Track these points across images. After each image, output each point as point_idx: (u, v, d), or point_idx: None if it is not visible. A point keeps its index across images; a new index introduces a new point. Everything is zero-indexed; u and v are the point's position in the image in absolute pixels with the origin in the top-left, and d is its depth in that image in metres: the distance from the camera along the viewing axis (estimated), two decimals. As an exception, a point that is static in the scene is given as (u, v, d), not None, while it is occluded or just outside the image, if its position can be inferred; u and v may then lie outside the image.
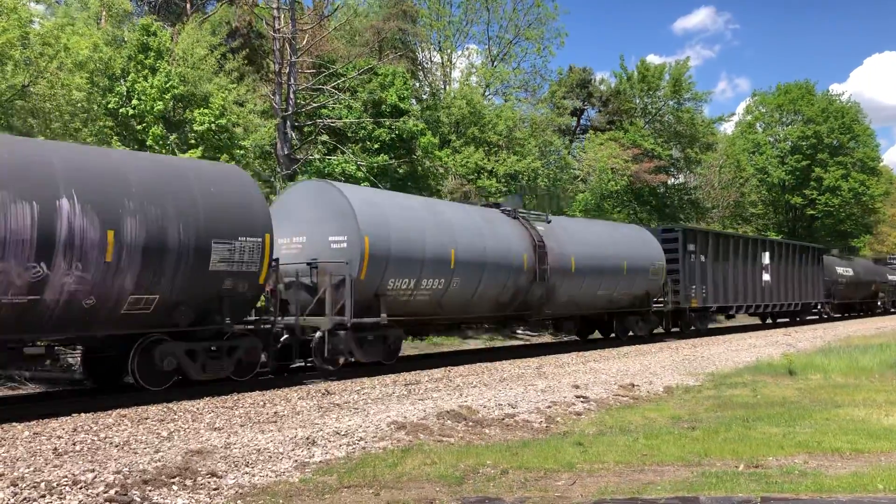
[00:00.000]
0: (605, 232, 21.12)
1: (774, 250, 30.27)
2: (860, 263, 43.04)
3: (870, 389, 11.18)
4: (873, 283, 43.21)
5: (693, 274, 24.23)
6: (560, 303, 18.66)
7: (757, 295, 28.51)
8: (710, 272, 25.11)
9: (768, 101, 61.37)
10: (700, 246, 24.81)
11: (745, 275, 27.58)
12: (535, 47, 39.51)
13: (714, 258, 25.44)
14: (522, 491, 5.77)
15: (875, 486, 5.69)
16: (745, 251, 27.98)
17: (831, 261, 37.99)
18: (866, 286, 42.18)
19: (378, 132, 25.95)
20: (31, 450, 7.11)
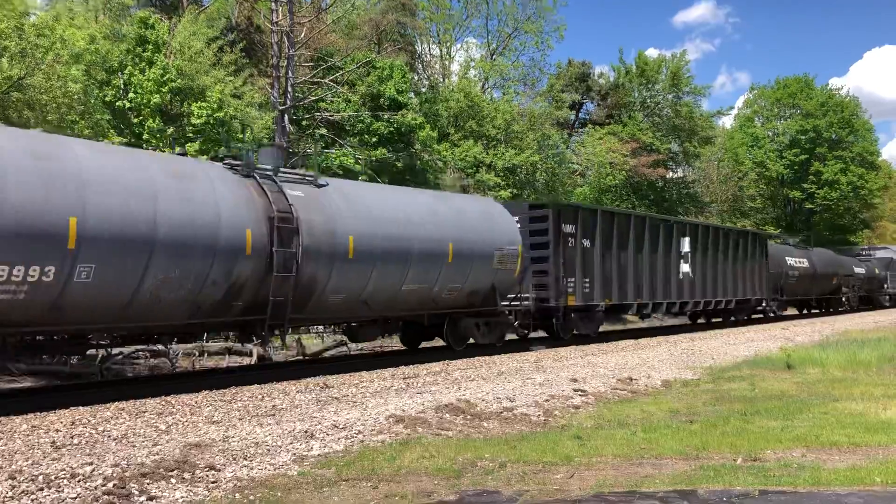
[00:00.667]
0: (418, 203, 15.05)
1: (698, 236, 25.20)
2: (819, 254, 37.83)
3: (867, 383, 11.18)
4: (834, 276, 37.91)
5: (572, 264, 19.04)
6: (329, 304, 13.00)
7: (672, 291, 23.51)
8: (599, 262, 20.05)
9: (767, 94, 61.38)
10: (583, 228, 19.62)
11: (653, 266, 22.58)
12: (534, 41, 39.51)
13: (605, 244, 20.46)
14: (521, 484, 5.77)
15: (873, 479, 5.69)
16: (655, 236, 22.91)
17: (780, 250, 33.29)
18: (825, 280, 36.84)
19: (376, 125, 25.92)
20: (29, 443, 7.10)
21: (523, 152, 31.48)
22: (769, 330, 24.97)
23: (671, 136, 46.56)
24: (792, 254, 34.27)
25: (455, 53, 39.81)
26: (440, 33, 38.49)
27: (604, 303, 20.30)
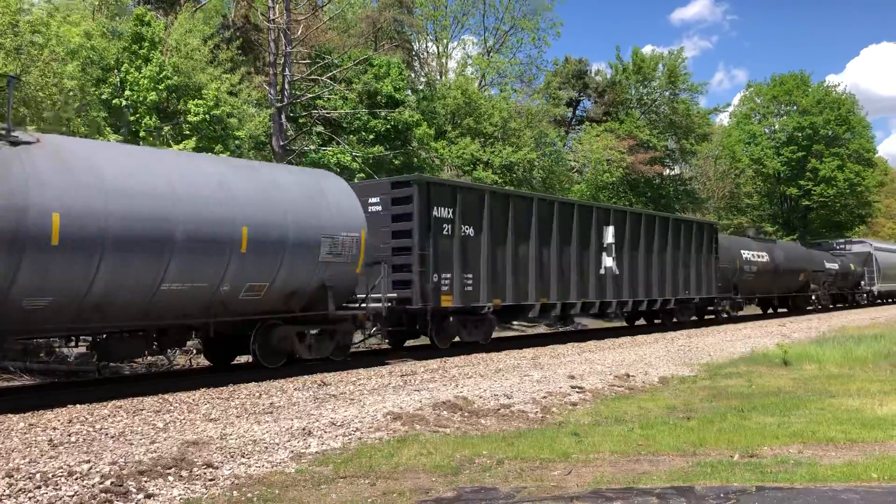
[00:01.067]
0: (199, 174, 11.11)
1: (626, 225, 21.27)
2: (783, 248, 33.86)
3: (864, 379, 11.22)
4: (801, 272, 33.68)
5: (447, 256, 15.47)
6: (27, 311, 9.15)
7: (591, 289, 19.75)
8: (487, 254, 16.39)
9: (764, 92, 61.45)
10: (464, 212, 15.95)
11: (565, 259, 18.78)
12: (531, 38, 39.49)
13: (496, 233, 16.74)
14: (518, 481, 5.78)
15: (869, 475, 5.71)
16: (567, 224, 19.02)
17: (734, 242, 29.45)
18: (790, 276, 32.68)
19: (373, 123, 25.89)
20: (27, 441, 7.10)
21: (521, 150, 31.48)
22: (766, 326, 25.01)
23: (668, 134, 46.59)
24: (749, 247, 30.09)
25: (452, 51, 39.83)
26: (437, 31, 38.49)
27: (491, 304, 16.52)
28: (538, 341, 19.15)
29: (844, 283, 39.33)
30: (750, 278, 29.36)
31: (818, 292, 35.71)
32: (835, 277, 37.64)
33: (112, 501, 5.20)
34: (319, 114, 26.87)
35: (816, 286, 35.37)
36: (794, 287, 33.70)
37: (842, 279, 38.72)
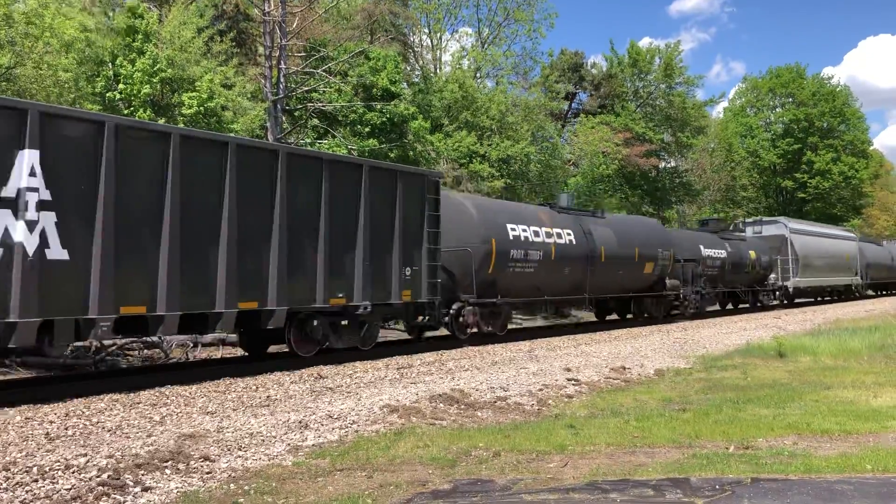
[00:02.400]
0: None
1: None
2: (619, 224, 22.19)
3: (858, 371, 11.27)
4: (649, 261, 22.10)
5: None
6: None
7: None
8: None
9: (760, 84, 61.50)
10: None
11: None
12: (526, 29, 39.42)
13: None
14: (514, 473, 5.80)
15: (863, 466, 5.74)
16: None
17: (492, 212, 17.26)
18: (626, 268, 21.27)
19: (369, 116, 25.83)
20: (23, 434, 7.10)
21: (518, 143, 31.46)
22: (761, 319, 25.07)
23: (664, 127, 46.60)
24: (526, 220, 17.87)
25: (446, 43, 39.73)
26: (431, 23, 38.37)
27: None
28: (534, 334, 19.18)
29: (738, 276, 28.77)
30: (528, 271, 17.56)
31: (684, 292, 24.33)
32: (720, 270, 27.10)
33: (109, 495, 5.21)
34: (315, 107, 26.80)
35: (679, 281, 24.09)
36: (637, 284, 22.11)
37: (733, 272, 28.07)
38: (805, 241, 34.39)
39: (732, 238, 29.84)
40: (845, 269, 39.12)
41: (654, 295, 23.18)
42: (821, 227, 39.30)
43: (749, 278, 30.18)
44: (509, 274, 17.15)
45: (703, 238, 27.20)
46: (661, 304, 23.80)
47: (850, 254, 39.90)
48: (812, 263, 34.32)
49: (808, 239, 34.88)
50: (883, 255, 46.65)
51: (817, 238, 36.32)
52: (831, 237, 38.56)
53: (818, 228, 38.61)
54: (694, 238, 26.73)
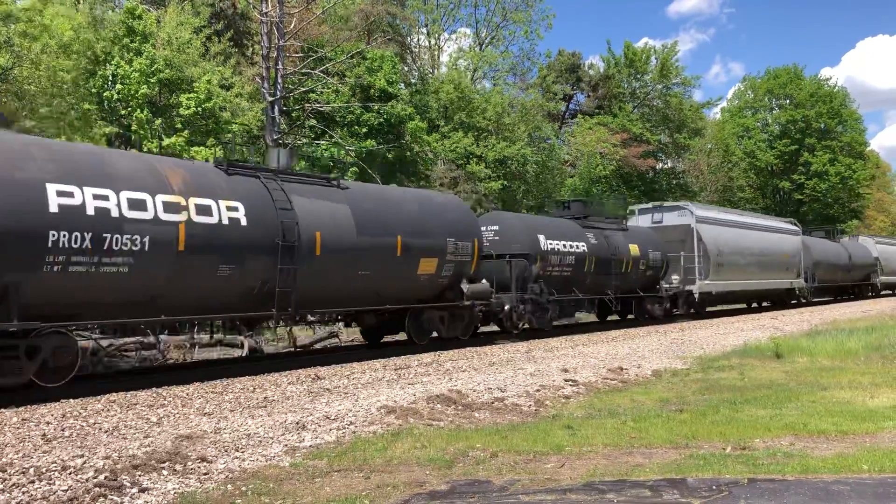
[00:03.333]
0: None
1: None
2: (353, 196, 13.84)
3: (855, 372, 11.28)
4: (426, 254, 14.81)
5: None
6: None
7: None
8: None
9: (758, 85, 61.62)
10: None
11: None
12: (523, 30, 39.47)
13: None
14: (512, 474, 5.80)
15: (860, 466, 5.75)
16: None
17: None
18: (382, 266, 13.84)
19: (366, 116, 25.84)
20: (20, 435, 7.09)
21: (514, 144, 31.48)
22: (758, 320, 25.10)
23: (661, 128, 46.67)
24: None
25: (444, 44, 39.77)
26: (429, 23, 38.40)
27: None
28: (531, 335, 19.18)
29: (607, 279, 20.79)
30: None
31: (506, 300, 17.51)
32: (576, 270, 19.50)
33: (106, 496, 5.20)
34: (312, 107, 26.80)
35: (487, 286, 16.57)
36: (408, 292, 14.73)
37: (599, 272, 20.33)
38: (719, 233, 26.60)
39: (602, 227, 21.53)
40: (781, 269, 31.41)
41: (441, 307, 15.54)
42: (745, 216, 31.82)
43: (628, 281, 21.92)
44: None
45: (549, 226, 19.32)
46: (458, 320, 16.04)
47: (789, 251, 32.23)
48: (730, 262, 26.75)
49: (722, 231, 27.05)
50: (836, 253, 38.58)
51: (738, 230, 28.48)
52: (760, 229, 30.68)
53: (740, 217, 31.01)
54: (529, 226, 18.72)
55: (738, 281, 27.68)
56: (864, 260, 41.71)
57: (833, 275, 37.60)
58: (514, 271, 17.93)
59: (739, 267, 27.61)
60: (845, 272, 39.23)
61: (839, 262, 38.36)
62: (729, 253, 26.84)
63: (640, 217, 26.65)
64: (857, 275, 40.82)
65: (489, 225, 18.50)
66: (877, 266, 43.25)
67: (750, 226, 30.10)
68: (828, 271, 36.54)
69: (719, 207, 33.18)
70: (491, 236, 18.23)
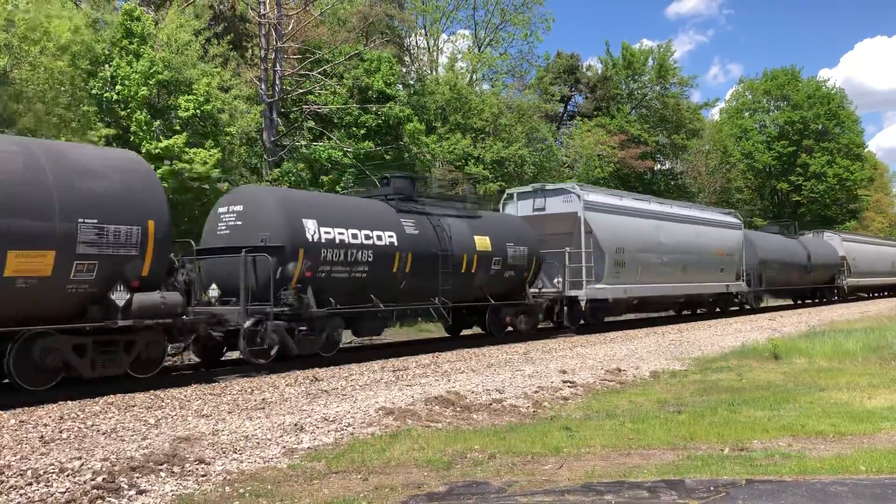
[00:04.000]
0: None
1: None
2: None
3: (853, 373, 11.29)
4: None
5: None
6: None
7: None
8: None
9: (756, 87, 61.72)
10: None
11: None
12: (522, 33, 39.51)
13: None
14: (510, 475, 5.80)
15: (857, 467, 5.75)
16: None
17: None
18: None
19: (364, 118, 25.86)
20: (18, 438, 7.08)
21: (512, 145, 31.50)
22: (757, 321, 25.11)
23: (659, 129, 46.71)
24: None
25: (443, 45, 39.81)
26: (427, 25, 38.44)
27: None
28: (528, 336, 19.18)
29: (432, 283, 15.65)
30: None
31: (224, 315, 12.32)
32: (371, 270, 14.34)
33: (104, 498, 5.20)
34: (310, 109, 26.82)
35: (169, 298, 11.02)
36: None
37: (422, 272, 15.33)
38: (618, 224, 20.99)
39: (434, 212, 16.12)
40: (713, 269, 25.97)
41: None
42: (658, 204, 25.04)
43: (471, 285, 16.65)
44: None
45: (330, 208, 14.24)
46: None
47: (725, 247, 26.84)
48: (635, 260, 21.41)
49: (623, 222, 21.28)
50: (791, 250, 33.31)
51: (648, 221, 22.56)
52: (682, 220, 24.85)
53: (651, 205, 24.06)
54: (289, 206, 13.34)
55: (648, 284, 22.13)
56: (828, 259, 36.88)
57: (787, 276, 32.48)
58: (257, 272, 12.59)
59: (649, 267, 22.16)
60: (802, 273, 34.01)
61: (795, 261, 33.19)
62: (634, 249, 21.43)
63: (520, 203, 20.94)
64: (818, 276, 35.86)
65: (231, 205, 13.42)
66: (843, 266, 38.32)
67: (666, 216, 23.94)
68: (780, 272, 31.52)
69: (621, 192, 25.37)
70: (232, 220, 13.26)
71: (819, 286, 36.72)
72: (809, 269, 34.39)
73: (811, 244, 35.78)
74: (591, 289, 19.75)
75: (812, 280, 35.22)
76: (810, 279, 34.94)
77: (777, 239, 33.40)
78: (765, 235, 32.91)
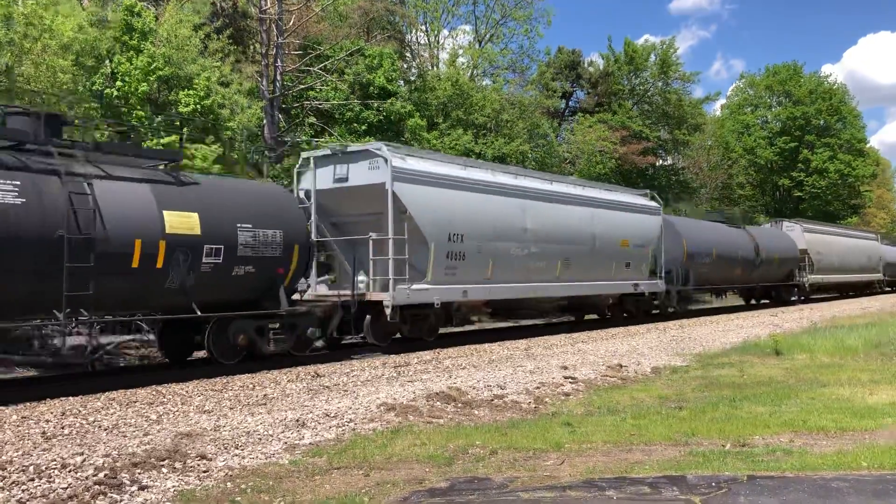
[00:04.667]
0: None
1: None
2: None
3: (854, 369, 11.28)
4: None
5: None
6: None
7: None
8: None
9: (757, 82, 61.64)
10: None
11: None
12: (523, 28, 39.43)
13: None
14: (511, 471, 5.80)
15: (859, 463, 5.75)
16: None
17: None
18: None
19: (366, 114, 25.84)
20: (20, 433, 7.09)
21: (513, 141, 31.47)
22: (758, 317, 25.09)
23: (660, 124, 46.64)
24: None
25: (443, 41, 39.73)
26: (428, 21, 38.36)
27: None
28: (530, 332, 19.19)
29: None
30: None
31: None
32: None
33: (106, 493, 5.20)
34: (311, 105, 26.80)
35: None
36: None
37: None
38: (446, 200, 15.46)
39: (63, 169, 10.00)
40: (615, 264, 20.59)
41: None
42: (522, 179, 18.36)
43: (156, 289, 10.82)
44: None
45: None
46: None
47: (633, 236, 21.29)
48: (478, 251, 16.02)
49: (456, 199, 15.70)
50: (734, 242, 28.20)
51: (502, 199, 16.88)
52: (563, 200, 18.97)
53: (511, 179, 17.80)
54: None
55: (506, 284, 16.84)
56: (785, 253, 31.74)
57: (725, 273, 27.00)
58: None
59: (509, 261, 16.78)
60: (748, 269, 28.65)
61: (738, 254, 27.86)
62: (481, 237, 16.03)
63: (319, 172, 15.40)
64: (771, 273, 30.76)
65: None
66: (804, 261, 33.50)
67: (538, 194, 17.97)
68: (715, 268, 26.04)
69: (467, 159, 19.43)
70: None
71: (773, 284, 31.66)
72: (757, 265, 29.14)
73: (762, 235, 30.91)
74: (405, 290, 14.40)
75: (762, 277, 30.06)
76: (759, 276, 29.75)
77: (712, 227, 28.01)
78: (694, 223, 27.45)
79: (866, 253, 41.54)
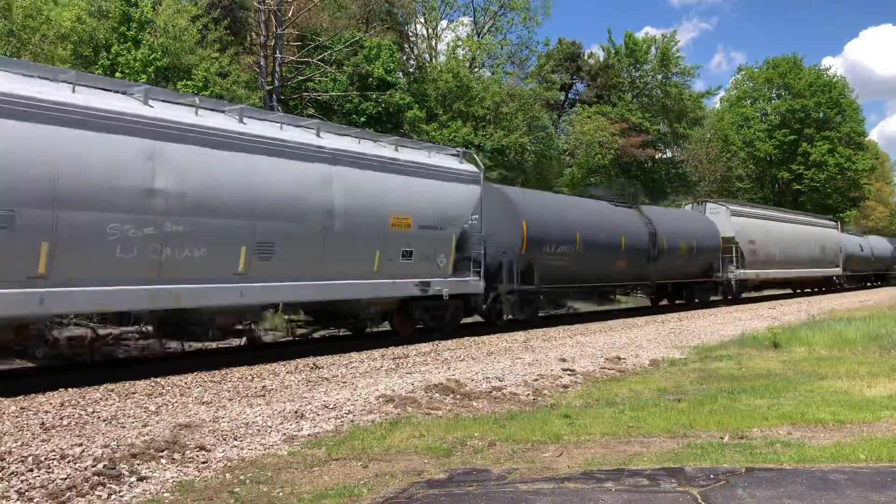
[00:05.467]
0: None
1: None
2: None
3: (853, 361, 11.30)
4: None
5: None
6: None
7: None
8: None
9: (756, 75, 61.53)
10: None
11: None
12: (521, 17, 39.32)
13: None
14: (510, 462, 5.81)
15: (857, 455, 5.76)
16: None
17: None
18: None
19: (364, 105, 25.78)
20: (18, 424, 7.09)
21: (512, 133, 31.42)
22: (757, 310, 25.12)
23: (660, 117, 46.57)
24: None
25: (442, 32, 39.62)
26: (426, 12, 38.23)
27: None
28: (528, 324, 19.19)
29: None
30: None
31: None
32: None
33: (104, 484, 5.21)
34: (310, 96, 26.72)
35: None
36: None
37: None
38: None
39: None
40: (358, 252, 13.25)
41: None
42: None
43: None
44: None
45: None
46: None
47: (429, 213, 14.70)
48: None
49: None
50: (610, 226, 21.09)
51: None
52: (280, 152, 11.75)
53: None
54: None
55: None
56: (704, 241, 25.56)
57: (601, 267, 20.69)
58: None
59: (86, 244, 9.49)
60: (640, 262, 22.28)
61: (619, 243, 21.09)
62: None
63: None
64: (678, 266, 24.27)
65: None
66: (731, 252, 27.49)
67: (175, 130, 10.36)
68: (581, 261, 19.56)
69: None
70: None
71: (682, 281, 25.33)
72: (654, 256, 22.66)
73: (666, 218, 24.23)
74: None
75: (664, 273, 23.60)
76: (660, 272, 23.26)
77: (574, 205, 21.10)
78: (546, 198, 20.83)
79: (821, 243, 35.20)
